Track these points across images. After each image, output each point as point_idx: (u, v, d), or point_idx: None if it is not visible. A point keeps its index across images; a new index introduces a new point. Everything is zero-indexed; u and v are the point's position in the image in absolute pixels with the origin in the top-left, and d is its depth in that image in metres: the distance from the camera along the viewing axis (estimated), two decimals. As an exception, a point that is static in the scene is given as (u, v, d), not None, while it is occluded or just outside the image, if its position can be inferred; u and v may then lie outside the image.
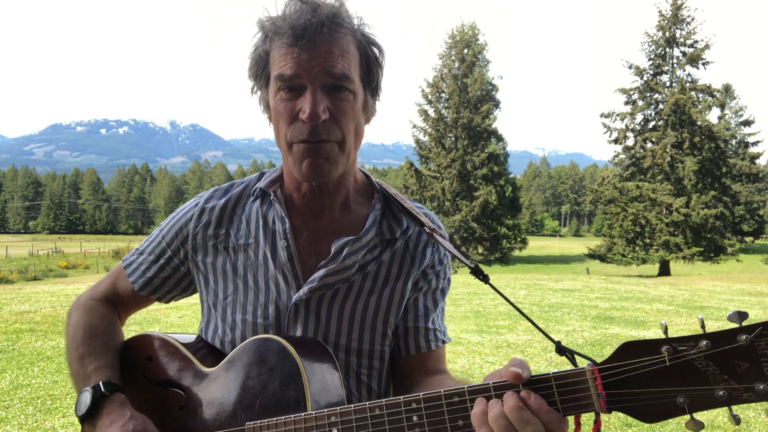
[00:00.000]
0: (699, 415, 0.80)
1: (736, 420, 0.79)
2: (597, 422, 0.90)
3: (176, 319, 9.96)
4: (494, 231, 38.42)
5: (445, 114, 39.03)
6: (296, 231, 1.22)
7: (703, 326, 0.82)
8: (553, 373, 0.88)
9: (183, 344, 1.25)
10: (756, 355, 0.78)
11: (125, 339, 1.35)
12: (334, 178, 1.18)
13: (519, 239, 42.08)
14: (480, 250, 38.64)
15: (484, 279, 1.17)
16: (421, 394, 0.94)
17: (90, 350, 1.25)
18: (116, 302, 1.37)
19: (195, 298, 1.39)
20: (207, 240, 1.26)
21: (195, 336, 1.32)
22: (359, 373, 1.20)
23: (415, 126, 39.39)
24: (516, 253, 43.24)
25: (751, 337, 0.78)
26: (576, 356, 0.93)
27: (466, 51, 39.63)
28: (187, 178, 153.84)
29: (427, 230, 1.21)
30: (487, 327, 9.29)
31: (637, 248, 33.74)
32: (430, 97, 39.48)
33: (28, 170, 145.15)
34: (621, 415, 5.09)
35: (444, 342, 1.31)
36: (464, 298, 12.77)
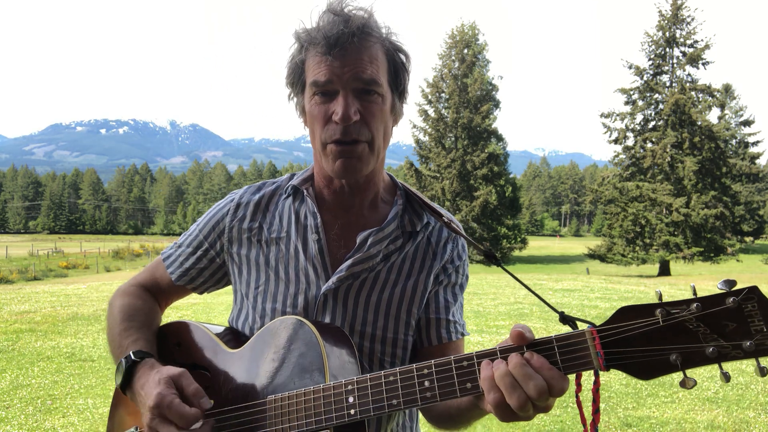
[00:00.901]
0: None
1: (726, 377, 0.85)
2: (596, 382, 0.97)
3: (176, 319, 9.95)
4: (494, 231, 38.43)
5: (445, 114, 39.04)
6: (327, 225, 1.31)
7: (694, 292, 0.89)
8: (555, 336, 0.95)
9: (211, 330, 1.33)
10: (743, 315, 0.85)
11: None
12: (364, 176, 1.27)
13: (519, 239, 42.09)
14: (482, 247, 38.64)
15: (497, 262, 1.26)
16: (432, 361, 1.01)
17: (129, 326, 1.33)
18: (155, 292, 1.46)
19: (196, 298, 1.40)
20: (242, 233, 1.36)
21: (226, 326, 1.40)
22: (383, 360, 1.27)
23: (415, 126, 39.40)
24: (516, 253, 43.25)
25: (738, 299, 0.85)
26: (579, 323, 1.00)
27: (466, 51, 39.64)
28: (187, 178, 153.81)
29: (445, 220, 1.31)
30: (487, 327, 9.29)
31: (637, 248, 33.75)
32: (430, 97, 39.49)
33: (28, 170, 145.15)
34: (621, 415, 5.10)
35: (463, 335, 1.38)
36: (464, 298, 12.76)
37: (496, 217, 38.99)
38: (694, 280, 22.68)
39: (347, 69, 1.16)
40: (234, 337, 1.33)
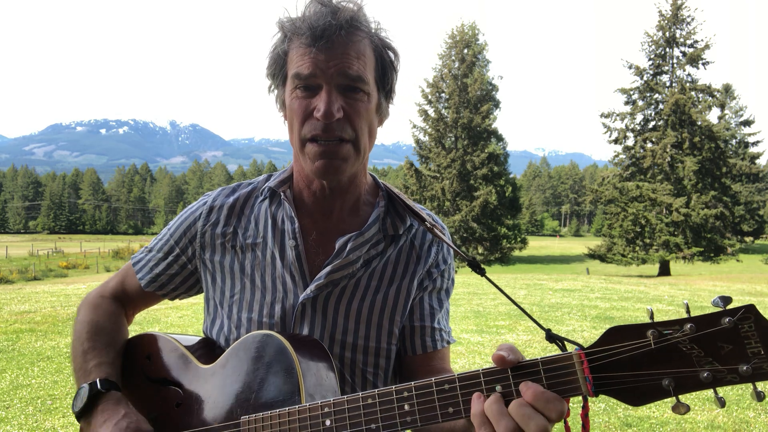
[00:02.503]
0: (686, 399, 0.81)
1: (721, 402, 0.80)
2: (585, 407, 0.91)
3: (176, 319, 9.95)
4: (494, 231, 38.41)
5: (445, 114, 39.02)
6: (305, 231, 1.24)
7: (688, 311, 0.84)
8: (541, 359, 0.89)
9: (183, 343, 1.27)
10: (739, 337, 0.80)
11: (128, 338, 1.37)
12: (346, 177, 1.20)
13: (519, 239, 42.06)
14: (480, 250, 38.63)
15: (481, 272, 1.18)
16: (413, 383, 0.95)
17: (93, 346, 1.27)
18: (124, 300, 1.39)
19: (196, 298, 1.40)
20: (215, 238, 1.28)
21: (198, 337, 1.34)
22: (365, 371, 1.21)
23: (415, 126, 39.37)
24: (516, 253, 43.21)
25: (734, 320, 0.80)
26: (566, 343, 0.94)
27: (466, 51, 39.62)
28: (187, 178, 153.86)
29: (428, 225, 1.23)
30: (487, 327, 9.28)
31: (637, 248, 33.73)
32: (430, 97, 39.46)
33: (28, 170, 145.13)
34: (621, 415, 5.10)
35: (449, 342, 1.32)
36: (464, 298, 12.76)
37: (496, 217, 38.96)
38: (694, 280, 22.67)
39: (332, 63, 1.09)
40: (206, 350, 1.26)
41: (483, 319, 10.05)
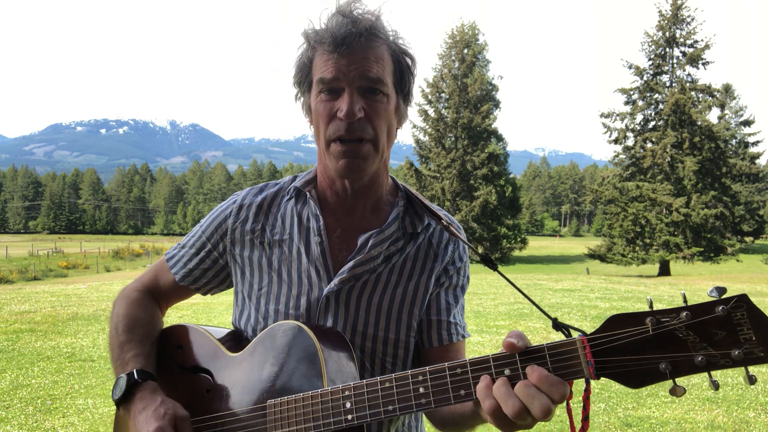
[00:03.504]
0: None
1: (715, 385, 0.86)
2: (587, 390, 0.98)
3: (176, 319, 9.95)
4: (494, 231, 38.43)
5: (445, 114, 39.03)
6: (329, 228, 1.32)
7: (685, 300, 0.89)
8: (547, 344, 0.95)
9: (212, 334, 1.35)
10: (732, 324, 0.85)
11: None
12: (367, 176, 1.27)
13: (519, 239, 42.08)
14: (480, 251, 38.59)
15: (493, 267, 1.29)
16: (427, 368, 1.03)
17: (130, 338, 1.34)
18: (158, 294, 1.47)
19: (197, 299, 1.41)
20: (244, 235, 1.36)
21: (227, 329, 1.42)
22: (384, 361, 1.29)
23: (415, 126, 39.40)
24: (516, 253, 43.25)
25: (727, 308, 0.85)
26: (571, 330, 1.01)
27: (466, 51, 39.64)
28: (187, 178, 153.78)
29: (444, 223, 1.32)
30: (487, 327, 9.29)
31: (637, 248, 33.74)
32: (430, 97, 39.48)
33: (28, 170, 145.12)
34: (621, 415, 5.10)
35: (464, 336, 1.39)
36: (464, 299, 12.76)
37: (496, 217, 38.98)
38: (694, 280, 22.67)
39: (353, 67, 1.17)
40: (234, 340, 1.34)
41: (483, 319, 10.05)
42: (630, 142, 35.11)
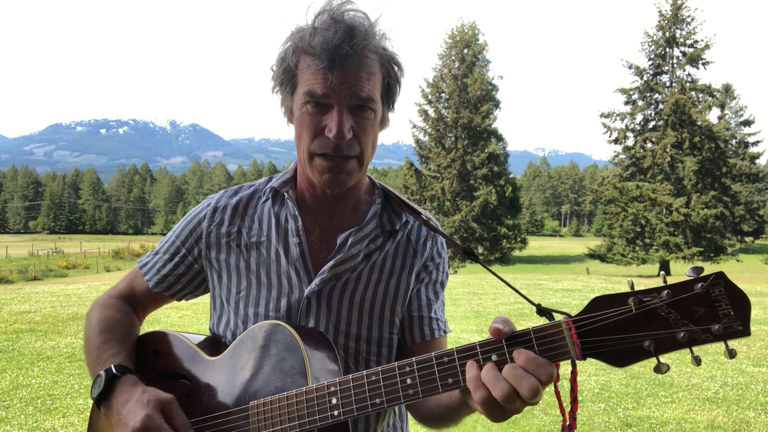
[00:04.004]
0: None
1: (697, 361, 0.88)
2: (573, 372, 0.98)
3: (176, 319, 9.96)
4: (494, 231, 38.43)
5: (445, 114, 39.03)
6: (308, 229, 1.30)
7: (664, 280, 0.91)
8: (533, 328, 0.96)
9: (190, 339, 1.32)
10: (711, 300, 0.88)
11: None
12: (349, 187, 1.27)
13: (519, 239, 42.09)
14: (480, 250, 38.63)
15: (475, 259, 1.29)
16: (414, 358, 1.02)
17: (108, 338, 1.32)
18: (133, 301, 1.44)
19: (198, 299, 1.41)
20: (220, 238, 1.34)
21: (204, 335, 1.39)
22: (368, 360, 1.28)
23: (415, 126, 39.39)
24: (516, 253, 43.25)
25: (706, 285, 0.88)
26: (555, 314, 1.02)
27: (466, 51, 39.64)
28: (187, 178, 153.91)
29: (423, 218, 1.31)
30: (487, 327, 9.27)
31: (637, 248, 33.75)
32: (430, 97, 39.48)
33: (28, 170, 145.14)
34: (621, 415, 5.10)
35: (445, 332, 1.39)
36: (464, 298, 12.77)
37: (496, 217, 38.98)
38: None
39: (346, 86, 1.14)
40: (213, 345, 1.32)
41: (483, 319, 10.05)
42: (630, 142, 35.12)
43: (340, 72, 1.12)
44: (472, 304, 11.81)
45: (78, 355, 7.41)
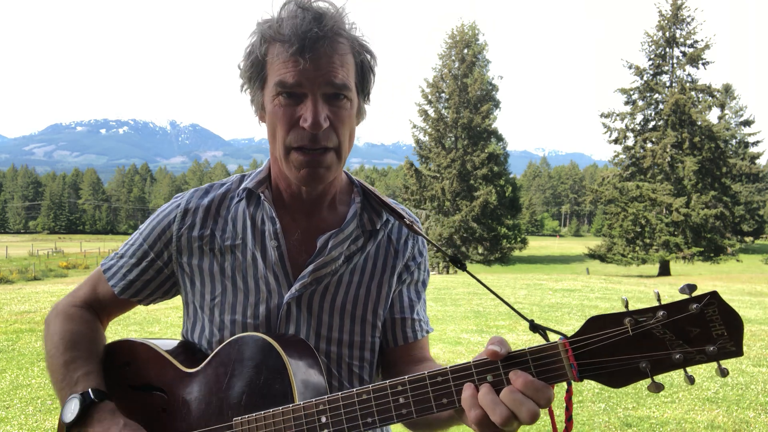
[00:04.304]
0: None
1: (691, 380, 0.89)
2: (569, 390, 0.97)
3: (176, 319, 9.95)
4: (494, 231, 38.41)
5: (445, 114, 39.02)
6: (286, 231, 1.24)
7: (658, 298, 0.92)
8: (529, 349, 0.94)
9: (162, 348, 1.25)
10: (705, 321, 0.89)
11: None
12: (328, 183, 1.22)
13: (519, 239, 42.07)
14: (480, 250, 38.63)
15: (462, 267, 1.23)
16: (406, 377, 0.99)
17: (75, 356, 1.23)
18: (97, 308, 1.35)
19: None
20: (192, 242, 1.26)
21: (177, 340, 1.32)
22: (351, 364, 1.24)
23: (415, 126, 39.38)
24: (516, 253, 43.23)
25: (700, 305, 0.88)
26: (548, 332, 1.01)
27: (466, 51, 39.63)
28: (187, 178, 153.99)
29: (407, 222, 1.26)
30: (487, 327, 9.28)
31: (637, 248, 33.75)
32: (430, 97, 39.47)
33: (28, 170, 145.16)
34: (621, 415, 5.10)
35: (428, 332, 1.36)
36: (464, 298, 12.77)
37: (496, 217, 38.96)
38: (694, 280, 22.66)
39: (319, 73, 1.09)
40: (188, 354, 1.25)
41: (483, 319, 10.05)
42: (630, 142, 35.12)
43: (311, 56, 1.07)
44: (472, 304, 11.81)
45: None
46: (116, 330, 8.79)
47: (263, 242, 1.23)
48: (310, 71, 1.08)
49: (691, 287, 0.89)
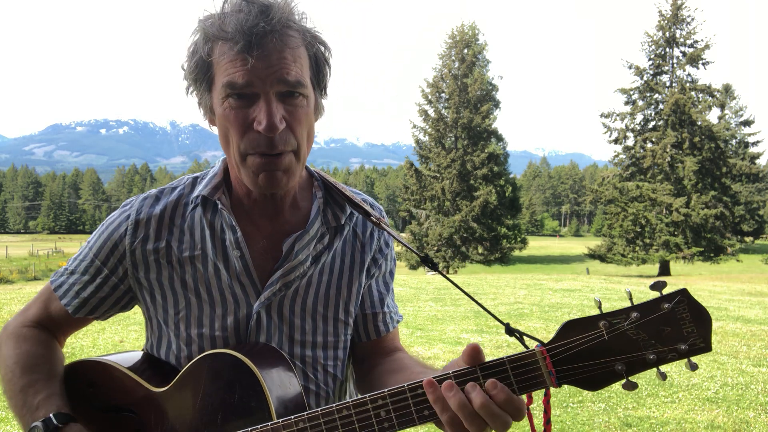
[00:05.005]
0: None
1: (663, 376, 0.91)
2: (547, 394, 0.98)
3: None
4: (494, 231, 38.41)
5: (445, 114, 39.02)
6: (249, 238, 1.18)
7: (630, 298, 0.94)
8: (507, 358, 0.95)
9: (126, 366, 1.20)
10: (676, 319, 0.91)
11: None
12: (289, 187, 1.16)
13: (519, 239, 42.07)
14: (480, 250, 38.63)
15: (434, 267, 1.21)
16: (386, 390, 0.97)
17: (33, 379, 1.16)
18: (50, 327, 1.27)
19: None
20: (147, 255, 1.19)
21: (139, 354, 1.27)
22: (326, 365, 1.22)
23: (415, 126, 39.39)
24: (516, 253, 43.22)
25: (671, 305, 0.91)
26: (524, 337, 1.01)
27: (466, 51, 39.62)
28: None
29: (374, 220, 1.21)
30: (487, 327, 9.28)
31: (637, 248, 33.75)
32: (430, 97, 39.47)
33: (28, 170, 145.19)
34: (621, 415, 5.10)
35: (398, 321, 1.36)
36: (464, 298, 12.76)
37: (496, 217, 38.96)
38: (694, 280, 22.67)
39: (270, 71, 1.01)
40: (155, 371, 1.19)
41: (483, 319, 10.04)
42: (630, 142, 35.13)
43: (260, 53, 0.99)
44: (472, 304, 11.81)
45: (77, 356, 7.41)
46: (116, 330, 8.80)
47: (225, 251, 1.16)
48: (261, 69, 1.00)
49: (661, 285, 0.90)
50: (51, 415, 1.09)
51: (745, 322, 9.64)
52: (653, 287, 0.91)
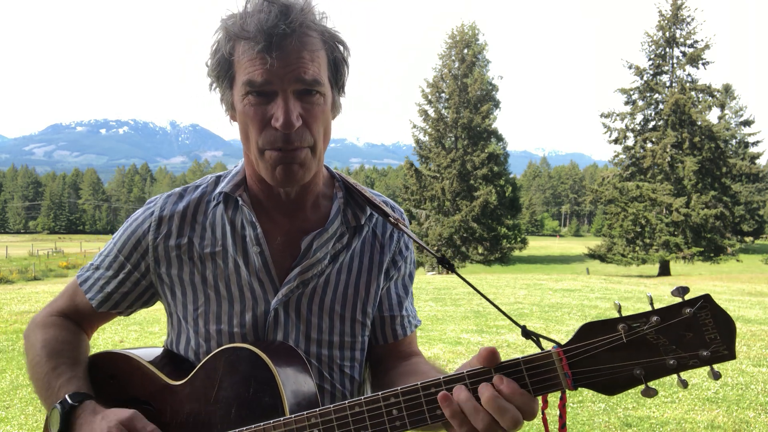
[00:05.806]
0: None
1: (684, 384, 0.89)
2: (563, 398, 0.96)
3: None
4: (494, 231, 38.41)
5: (445, 114, 39.02)
6: (268, 234, 1.20)
7: (651, 303, 0.91)
8: (522, 358, 0.93)
9: (147, 359, 1.23)
10: (698, 325, 0.88)
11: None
12: (306, 182, 1.17)
13: (519, 239, 42.09)
14: (480, 250, 38.63)
15: (450, 267, 1.20)
16: (399, 388, 0.97)
17: (58, 364, 1.20)
18: (78, 319, 1.32)
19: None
20: (169, 251, 1.22)
21: (160, 349, 1.29)
22: (342, 366, 1.22)
23: (415, 126, 39.39)
24: (516, 253, 43.24)
25: (693, 309, 0.88)
26: (541, 339, 0.99)
27: (466, 51, 39.63)
28: (187, 178, 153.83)
29: (392, 220, 1.22)
30: (487, 327, 9.28)
31: (637, 248, 33.75)
32: (430, 97, 39.47)
33: (28, 170, 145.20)
34: (621, 415, 5.10)
35: (416, 326, 1.35)
36: (464, 298, 12.76)
37: (496, 217, 38.96)
38: (694, 280, 22.67)
39: (288, 69, 1.04)
40: (174, 366, 1.21)
41: (483, 319, 10.04)
42: (630, 142, 35.12)
43: (279, 54, 1.03)
44: (472, 304, 11.81)
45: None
46: (116, 330, 8.80)
47: (245, 248, 1.19)
48: (279, 69, 1.04)
49: (684, 290, 0.88)
50: (67, 396, 1.13)
51: (745, 322, 9.64)
52: (675, 292, 0.88)
